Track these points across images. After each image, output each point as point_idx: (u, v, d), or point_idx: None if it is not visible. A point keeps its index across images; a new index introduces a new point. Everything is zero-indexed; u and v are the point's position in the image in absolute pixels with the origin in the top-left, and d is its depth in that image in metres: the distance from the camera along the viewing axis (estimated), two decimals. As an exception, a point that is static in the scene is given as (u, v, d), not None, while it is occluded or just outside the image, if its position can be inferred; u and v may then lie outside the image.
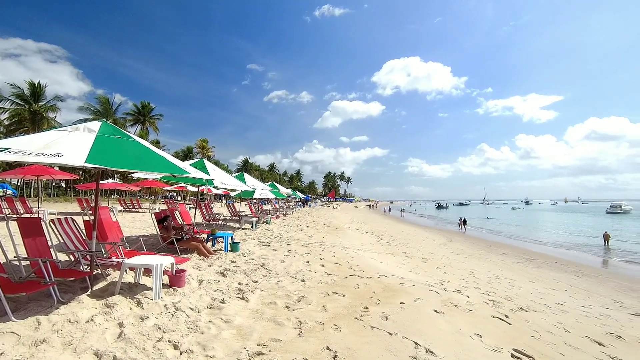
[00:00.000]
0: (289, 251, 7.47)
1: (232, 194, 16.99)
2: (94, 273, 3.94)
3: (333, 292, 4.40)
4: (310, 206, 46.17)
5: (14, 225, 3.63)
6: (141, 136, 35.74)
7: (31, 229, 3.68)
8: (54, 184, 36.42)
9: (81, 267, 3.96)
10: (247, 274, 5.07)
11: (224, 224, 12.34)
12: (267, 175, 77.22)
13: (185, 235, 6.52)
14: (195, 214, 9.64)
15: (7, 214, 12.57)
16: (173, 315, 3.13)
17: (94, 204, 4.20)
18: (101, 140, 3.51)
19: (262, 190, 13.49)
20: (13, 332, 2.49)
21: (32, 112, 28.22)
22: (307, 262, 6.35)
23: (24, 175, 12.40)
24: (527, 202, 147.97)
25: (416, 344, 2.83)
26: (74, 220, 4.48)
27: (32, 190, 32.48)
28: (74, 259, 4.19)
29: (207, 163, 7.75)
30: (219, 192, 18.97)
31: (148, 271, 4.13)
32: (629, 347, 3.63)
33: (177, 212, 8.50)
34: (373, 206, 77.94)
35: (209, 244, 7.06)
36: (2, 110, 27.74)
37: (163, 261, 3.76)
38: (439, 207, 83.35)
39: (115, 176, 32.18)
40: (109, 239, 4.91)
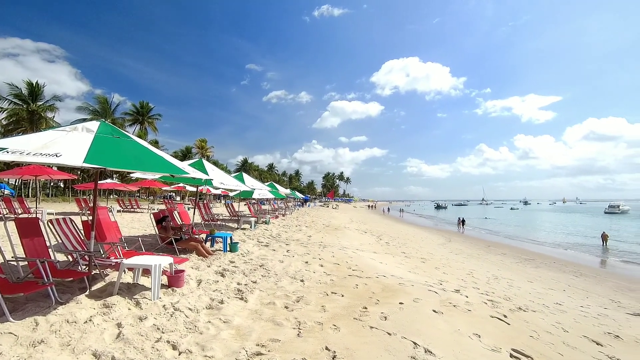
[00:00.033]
0: (288, 251, 7.47)
1: (231, 194, 16.98)
2: (92, 273, 3.93)
3: (332, 292, 4.40)
4: (309, 206, 46.16)
5: (11, 226, 3.61)
6: (140, 136, 35.67)
7: (29, 229, 3.66)
8: (52, 184, 36.33)
9: (79, 268, 3.95)
10: (246, 274, 5.07)
11: (223, 224, 12.33)
12: (266, 175, 77.22)
13: (184, 236, 6.51)
14: (194, 214, 9.63)
15: (5, 214, 12.54)
16: (172, 316, 3.12)
17: (92, 204, 4.19)
18: (100, 140, 3.50)
19: (261, 190, 13.48)
20: (11, 333, 2.48)
21: (30, 111, 28.15)
22: (306, 262, 6.35)
23: (22, 175, 12.35)
24: (525, 202, 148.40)
25: (415, 344, 2.84)
26: (72, 221, 4.47)
27: (30, 190, 32.38)
28: (72, 259, 4.18)
29: (205, 163, 7.74)
30: (218, 192, 18.94)
31: (147, 271, 4.12)
32: (626, 346, 3.64)
33: (175, 212, 8.49)
34: (372, 206, 77.99)
35: (208, 244, 7.05)
36: (0, 110, 27.67)
37: (162, 261, 3.75)
38: (438, 207, 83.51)
39: (113, 176, 32.08)
40: (108, 239, 4.90)
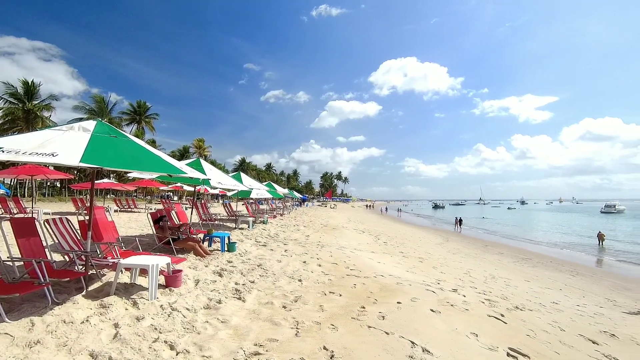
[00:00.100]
0: (285, 251, 7.46)
1: (229, 193, 16.91)
2: (89, 273, 3.90)
3: (330, 292, 4.40)
4: (307, 206, 46.16)
5: (7, 226, 3.58)
6: (137, 135, 35.48)
7: (25, 229, 3.63)
8: (48, 183, 36.07)
9: (76, 268, 3.93)
10: (243, 274, 5.06)
11: (221, 223, 12.30)
12: (264, 175, 77.12)
13: (181, 235, 6.49)
14: (192, 213, 9.59)
15: (0, 214, 12.43)
16: (169, 316, 3.11)
17: (89, 204, 4.16)
18: (96, 140, 3.48)
19: (259, 190, 13.44)
20: (7, 334, 2.46)
21: (25, 111, 27.93)
22: (304, 262, 6.35)
23: (17, 175, 12.24)
24: (522, 202, 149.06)
25: (413, 343, 2.85)
26: (68, 220, 4.44)
27: (26, 190, 32.14)
28: (68, 260, 4.16)
29: (203, 163, 7.72)
30: (216, 192, 18.91)
31: (144, 271, 4.11)
32: (622, 345, 3.67)
33: (173, 212, 8.46)
34: (370, 206, 78.03)
35: (206, 244, 7.04)
36: (-4, 109, 27.44)
37: (159, 261, 3.73)
38: (436, 207, 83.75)
39: (110, 176, 31.93)
40: (105, 239, 4.87)
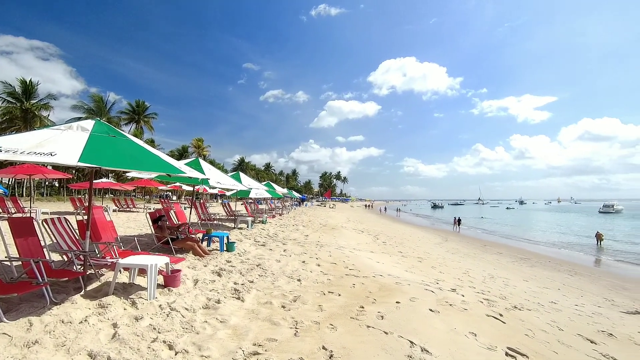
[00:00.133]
0: (285, 251, 7.46)
1: (228, 193, 16.91)
2: (88, 273, 3.89)
3: (329, 292, 4.41)
4: (306, 206, 46.15)
5: (5, 225, 3.57)
6: (136, 135, 35.44)
7: (23, 228, 3.62)
8: (46, 183, 35.92)
9: (74, 267, 3.92)
10: (242, 273, 5.05)
11: (220, 223, 12.28)
12: (263, 174, 77.03)
13: (180, 235, 6.48)
14: (191, 213, 9.58)
15: (-1, 213, 12.39)
16: (168, 316, 3.10)
17: (87, 204, 4.15)
18: (95, 139, 3.47)
19: (258, 189, 13.45)
20: (4, 334, 2.45)
21: (24, 110, 27.82)
22: (303, 262, 6.35)
23: (15, 174, 12.19)
24: (521, 202, 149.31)
25: (412, 343, 2.85)
26: (67, 220, 4.43)
27: (24, 189, 32.01)
28: (67, 259, 4.14)
29: (202, 162, 7.71)
30: (215, 191, 18.90)
31: (143, 271, 4.10)
32: (620, 344, 3.68)
33: (172, 211, 8.44)
34: (369, 206, 78.09)
35: (205, 243, 7.03)
36: (-6, 108, 27.33)
37: (158, 261, 3.73)
38: (435, 206, 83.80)
39: (109, 175, 31.86)
40: (103, 238, 4.86)
